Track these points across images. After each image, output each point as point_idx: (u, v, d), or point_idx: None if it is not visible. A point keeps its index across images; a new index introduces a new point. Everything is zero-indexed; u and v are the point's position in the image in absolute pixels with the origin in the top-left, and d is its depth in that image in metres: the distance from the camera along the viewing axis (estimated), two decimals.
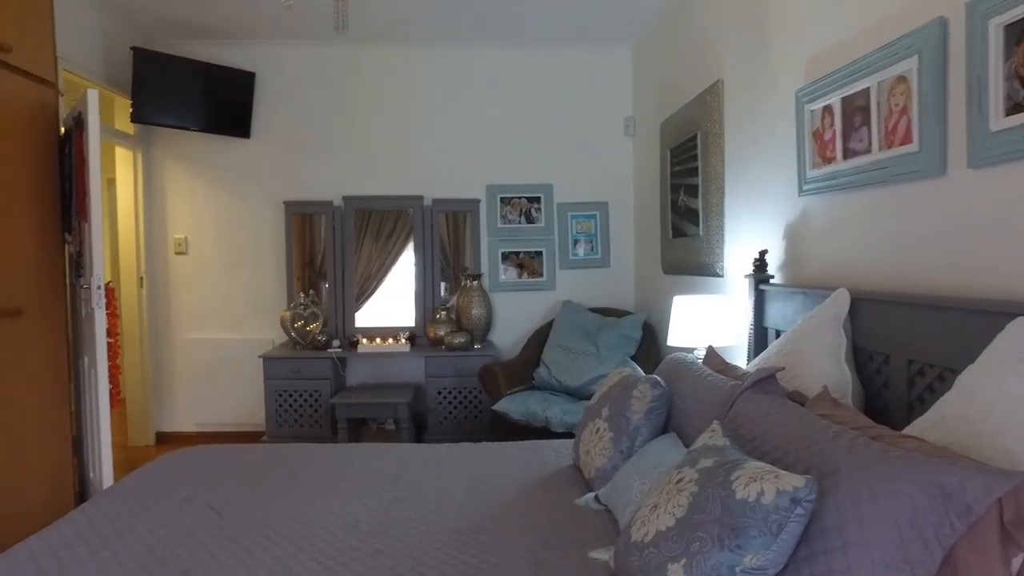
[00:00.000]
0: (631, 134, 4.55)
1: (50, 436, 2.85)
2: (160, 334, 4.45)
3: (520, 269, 4.56)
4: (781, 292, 2.30)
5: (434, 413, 4.06)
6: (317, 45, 4.40)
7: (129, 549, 1.55)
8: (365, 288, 4.47)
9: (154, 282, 4.43)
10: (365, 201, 4.42)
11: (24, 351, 2.69)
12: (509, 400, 3.65)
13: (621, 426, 1.89)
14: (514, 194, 4.54)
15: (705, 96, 3.12)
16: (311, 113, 4.45)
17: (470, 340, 4.16)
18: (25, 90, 2.73)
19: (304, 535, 1.63)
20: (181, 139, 4.36)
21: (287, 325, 4.14)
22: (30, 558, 1.50)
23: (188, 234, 4.45)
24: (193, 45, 4.29)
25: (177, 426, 4.49)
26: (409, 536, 1.63)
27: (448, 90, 4.49)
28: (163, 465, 2.20)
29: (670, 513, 1.23)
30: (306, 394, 4.00)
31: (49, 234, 2.86)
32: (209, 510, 1.78)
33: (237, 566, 1.47)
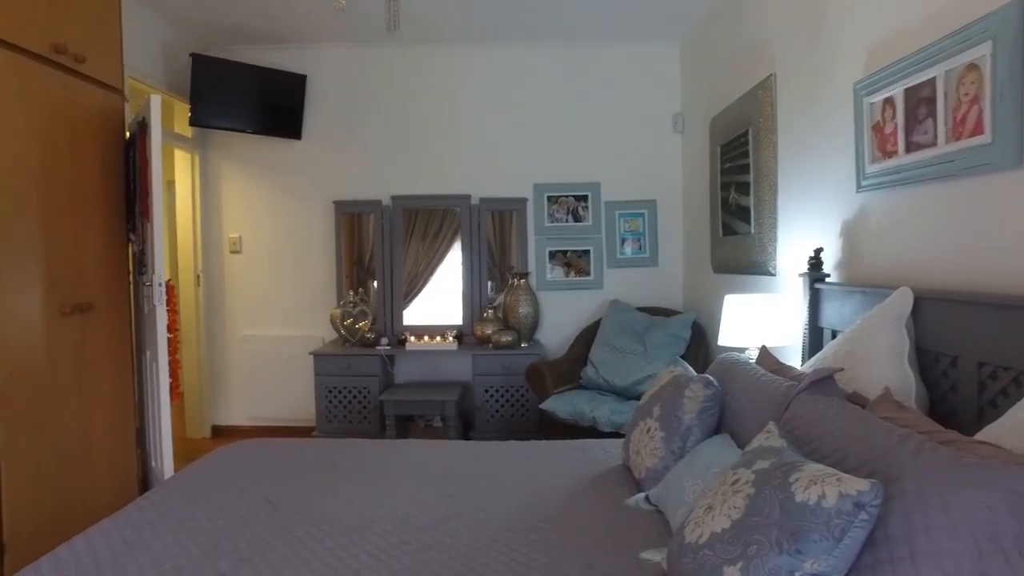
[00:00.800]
0: (680, 131, 4.48)
1: (116, 426, 2.97)
2: (216, 330, 4.59)
3: (567, 268, 4.54)
4: (838, 291, 2.23)
5: (481, 411, 4.08)
6: (366, 47, 4.47)
7: (191, 535, 1.60)
8: (412, 287, 4.52)
9: (210, 280, 4.58)
10: (413, 200, 4.47)
11: (93, 345, 2.81)
12: (556, 399, 3.64)
13: (672, 426, 1.86)
14: (561, 193, 4.52)
15: (757, 91, 3.05)
16: (360, 114, 4.52)
17: (517, 339, 4.16)
18: (96, 97, 2.85)
19: (356, 528, 1.66)
20: (236, 141, 4.49)
21: (337, 323, 4.22)
22: (104, 539, 1.58)
23: (242, 233, 4.58)
24: (247, 50, 4.41)
25: (232, 420, 4.62)
26: (459, 532, 1.64)
27: (496, 89, 4.50)
28: (220, 457, 2.27)
29: (725, 515, 1.20)
30: (355, 390, 4.07)
31: (115, 234, 2.98)
32: (264, 501, 1.82)
33: (292, 556, 1.50)
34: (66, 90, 2.68)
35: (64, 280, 2.64)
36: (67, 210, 2.67)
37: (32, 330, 2.48)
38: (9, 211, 2.37)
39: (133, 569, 1.43)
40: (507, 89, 4.50)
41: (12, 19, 2.39)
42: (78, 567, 1.44)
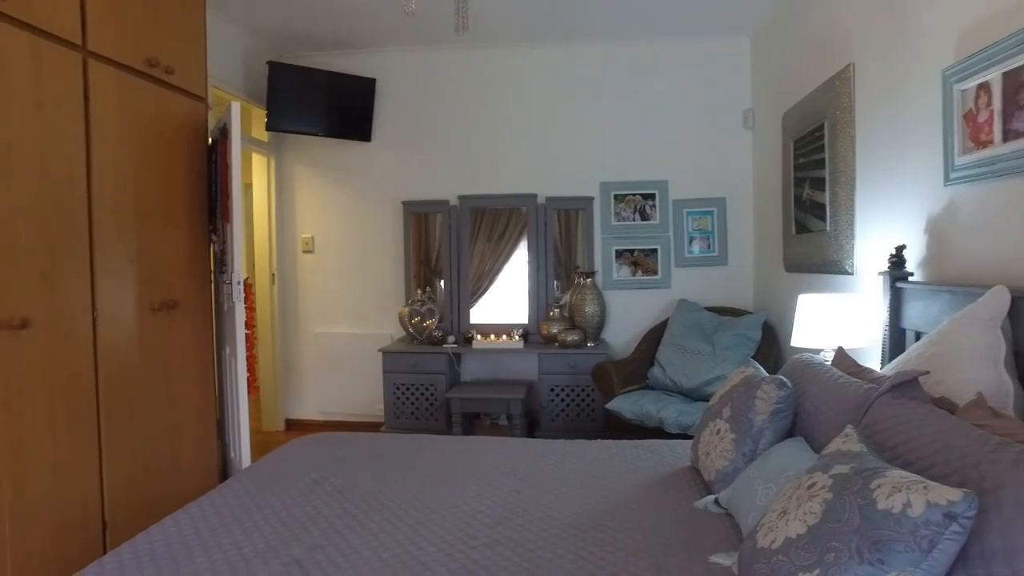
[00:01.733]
0: (750, 127, 4.35)
1: (200, 417, 3.12)
2: (289, 327, 4.76)
3: (634, 267, 4.49)
4: (922, 290, 2.12)
5: (546, 410, 4.08)
6: (433, 49, 4.54)
7: (268, 522, 1.67)
8: (479, 286, 4.56)
9: (284, 279, 4.75)
10: (480, 200, 4.51)
11: (179, 340, 2.97)
12: (622, 399, 3.60)
13: (743, 428, 1.81)
14: (628, 191, 4.47)
15: (834, 82, 2.93)
16: (428, 115, 4.60)
17: (583, 338, 4.14)
18: (183, 106, 3.02)
19: (424, 521, 1.69)
20: (309, 144, 4.65)
21: (405, 321, 4.30)
22: (190, 522, 1.68)
23: (315, 233, 4.73)
24: (319, 56, 4.55)
25: (304, 414, 4.78)
26: (526, 528, 1.64)
27: (561, 87, 4.49)
28: (294, 449, 2.35)
29: (800, 520, 1.16)
30: (422, 387, 4.14)
31: (199, 235, 3.13)
32: (336, 492, 1.88)
33: (362, 546, 1.54)
34: (157, 100, 2.84)
35: (153, 279, 2.80)
36: (157, 213, 2.83)
37: (126, 325, 2.64)
38: (108, 215, 2.54)
39: (216, 551, 1.50)
40: (573, 87, 4.48)
41: (113, 38, 2.56)
42: (168, 547, 1.53)
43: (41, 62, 2.23)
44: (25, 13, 2.16)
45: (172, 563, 1.45)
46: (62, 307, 2.31)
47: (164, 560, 1.47)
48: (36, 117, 2.21)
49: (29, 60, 2.18)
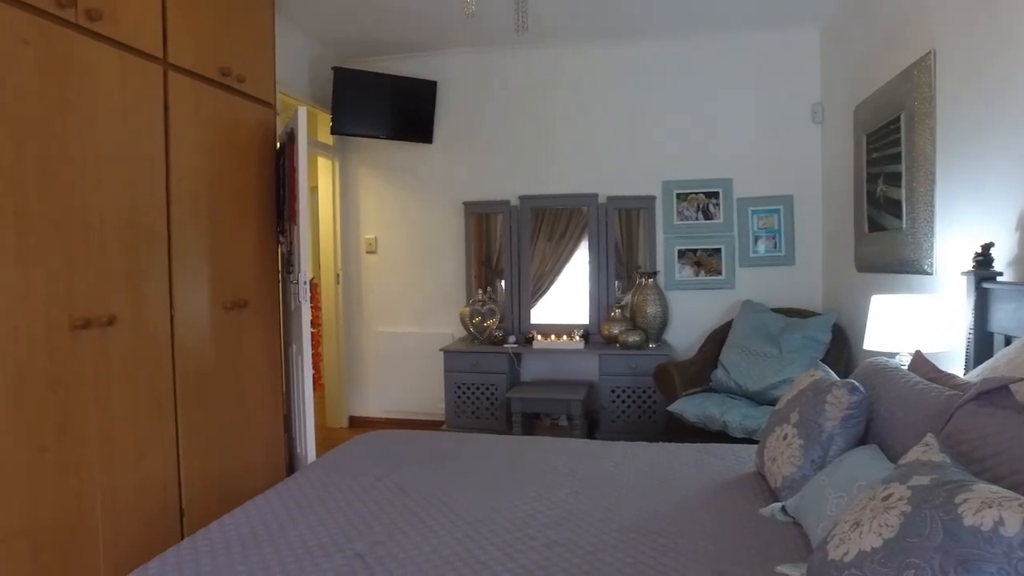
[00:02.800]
0: (819, 121, 4.19)
1: (268, 412, 3.24)
2: (353, 326, 4.88)
3: (697, 267, 4.39)
4: (1013, 291, 1.98)
5: (607, 411, 4.04)
6: (492, 51, 4.56)
7: (331, 516, 1.71)
8: (539, 286, 4.56)
9: (348, 279, 4.87)
10: (541, 200, 4.51)
11: (249, 337, 3.08)
12: (685, 401, 3.53)
13: (812, 433, 1.74)
14: (691, 190, 4.38)
15: (912, 72, 2.78)
16: (488, 116, 4.62)
17: (645, 339, 4.08)
18: (253, 112, 3.13)
19: (483, 520, 1.69)
20: (372, 147, 4.75)
21: (466, 320, 4.34)
22: (259, 514, 1.74)
23: (378, 234, 4.83)
24: (382, 60, 4.65)
25: (367, 411, 4.89)
26: (585, 530, 1.62)
27: (621, 85, 4.44)
28: (357, 445, 2.40)
29: (876, 533, 1.10)
30: (483, 387, 4.17)
31: (267, 236, 3.25)
32: (398, 489, 1.91)
33: (423, 543, 1.56)
34: (229, 107, 2.95)
35: (225, 278, 2.92)
36: (229, 215, 2.94)
37: (200, 323, 2.76)
38: (185, 218, 2.66)
39: (283, 543, 1.55)
40: (634, 85, 4.42)
41: (191, 50, 2.68)
42: (239, 536, 1.59)
43: (127, 75, 2.36)
44: (115, 31, 2.29)
45: (242, 552, 1.50)
46: (144, 305, 2.44)
47: (235, 549, 1.52)
48: (122, 126, 2.34)
49: (117, 74, 2.31)
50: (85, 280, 2.18)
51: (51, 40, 2.07)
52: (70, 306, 2.12)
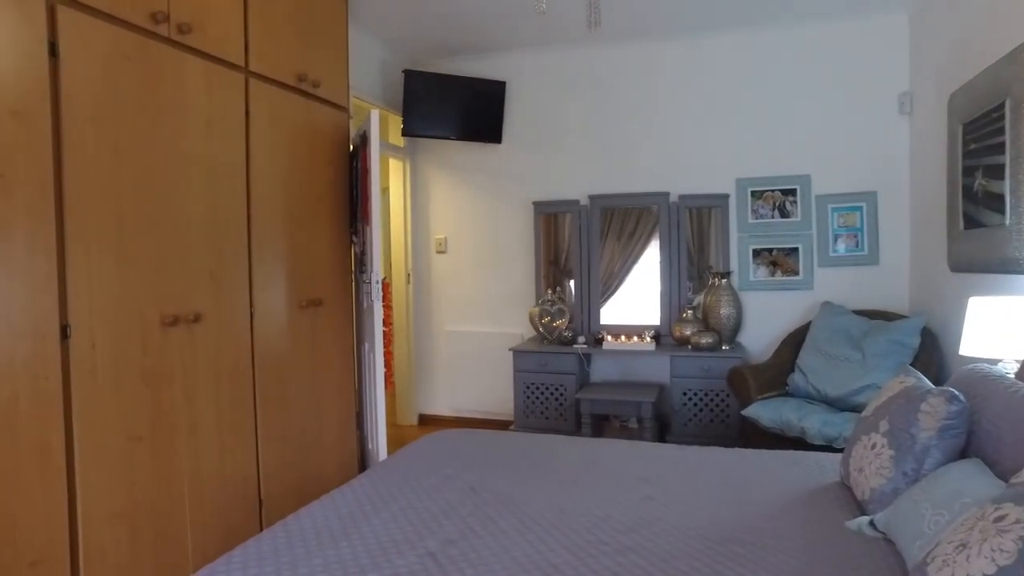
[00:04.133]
0: (907, 112, 3.96)
1: (341, 408, 3.33)
2: (423, 325, 4.95)
3: (773, 267, 4.23)
4: None
5: (678, 414, 3.95)
6: (562, 49, 4.54)
7: (404, 513, 1.73)
8: (607, 286, 4.50)
9: (419, 278, 4.94)
10: (611, 199, 4.45)
11: (323, 335, 3.17)
12: (760, 406, 3.41)
13: (904, 444, 1.64)
14: (766, 187, 4.22)
15: (1018, 54, 2.58)
16: (558, 115, 4.60)
17: (718, 341, 3.97)
18: (327, 116, 3.22)
19: (555, 523, 1.68)
20: (441, 148, 4.81)
21: (535, 320, 4.33)
22: (334, 508, 1.78)
23: (447, 234, 4.89)
24: (451, 61, 4.70)
25: (436, 409, 4.95)
26: (659, 537, 1.58)
27: (694, 81, 4.33)
28: (428, 443, 2.43)
29: (987, 558, 1.02)
30: (552, 387, 4.15)
31: (341, 236, 3.33)
32: (469, 489, 1.92)
33: (495, 544, 1.55)
34: (305, 112, 3.05)
35: (301, 278, 3.01)
36: (304, 216, 3.04)
37: (278, 321, 2.86)
38: (265, 219, 2.76)
39: (357, 538, 1.58)
40: (705, 80, 4.31)
41: (270, 58, 2.79)
42: (315, 529, 1.63)
43: (212, 84, 2.47)
44: (202, 43, 2.41)
45: (319, 545, 1.54)
46: (226, 303, 2.54)
47: (312, 541, 1.56)
48: (206, 132, 2.45)
49: (203, 83, 2.43)
50: (174, 279, 2.30)
51: (148, 54, 2.19)
52: (161, 303, 2.24)
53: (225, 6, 2.54)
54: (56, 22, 1.89)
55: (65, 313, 1.91)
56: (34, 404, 1.81)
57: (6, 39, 1.76)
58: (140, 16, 2.16)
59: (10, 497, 1.75)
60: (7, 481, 1.74)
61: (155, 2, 2.21)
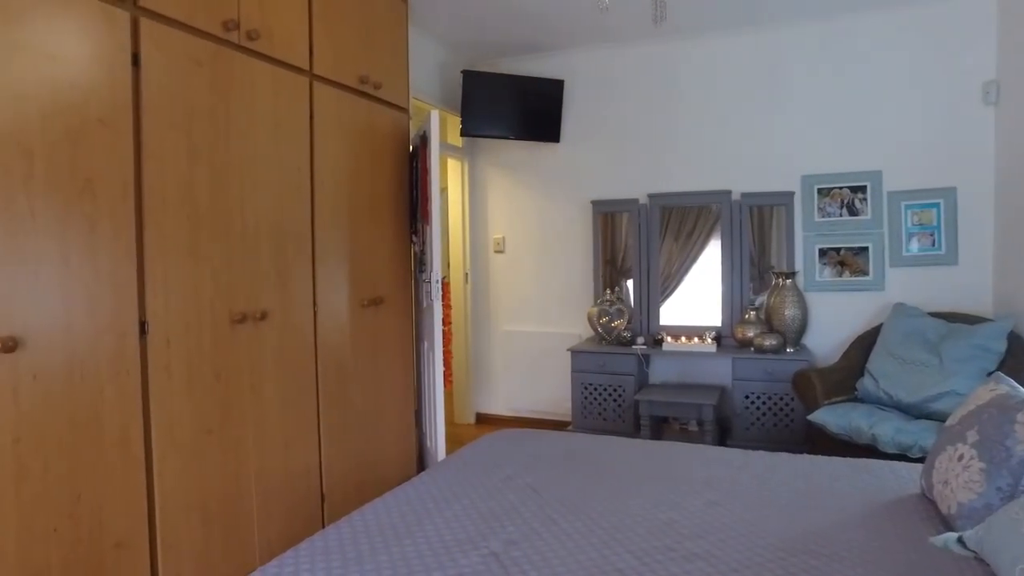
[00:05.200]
0: (992, 101, 3.74)
1: (400, 407, 3.37)
2: (480, 325, 4.98)
3: (840, 267, 4.08)
4: None
5: (740, 417, 3.85)
6: (620, 47, 4.48)
7: (466, 513, 1.74)
8: (665, 287, 4.43)
9: (477, 278, 4.97)
10: (671, 198, 4.37)
11: (384, 334, 3.22)
12: (827, 411, 3.28)
13: (998, 457, 1.54)
14: (834, 184, 4.07)
15: None
16: (616, 114, 4.55)
17: (782, 343, 3.85)
18: (388, 117, 3.27)
19: (619, 527, 1.65)
20: (499, 148, 4.82)
21: (593, 321, 4.30)
22: (397, 506, 1.80)
23: (505, 234, 4.90)
24: (509, 61, 4.70)
25: (493, 409, 4.97)
26: (727, 544, 1.54)
27: (757, 74, 4.21)
28: (488, 443, 2.43)
29: None
30: (610, 388, 4.11)
31: (401, 236, 3.38)
32: (530, 490, 1.91)
33: (558, 546, 1.54)
34: (367, 113, 3.10)
35: (362, 277, 3.06)
36: (367, 216, 3.09)
37: (340, 319, 2.91)
38: (328, 219, 2.82)
39: (420, 536, 1.59)
40: (769, 74, 4.18)
41: (333, 61, 2.85)
42: (379, 526, 1.65)
43: (279, 88, 2.54)
44: (270, 48, 2.48)
45: (383, 542, 1.56)
46: (290, 302, 2.61)
47: (376, 538, 1.58)
48: (274, 135, 2.52)
49: (270, 87, 2.49)
50: (242, 278, 2.37)
51: (219, 60, 2.26)
52: (230, 301, 2.31)
53: (291, 12, 2.61)
54: (139, 34, 1.98)
55: (143, 310, 2.00)
56: (117, 397, 1.90)
57: (95, 52, 1.85)
58: (213, 24, 2.24)
59: (97, 484, 1.84)
60: (94, 469, 1.83)
61: (227, 11, 2.29)
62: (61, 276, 1.76)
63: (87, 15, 1.83)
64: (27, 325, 1.67)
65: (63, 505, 1.75)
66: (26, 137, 1.68)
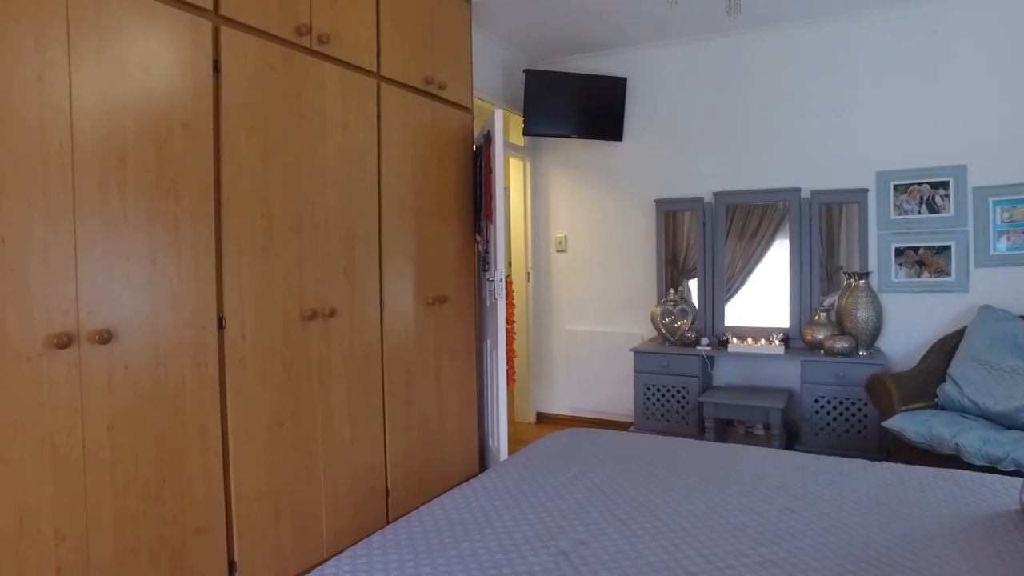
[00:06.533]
0: None
1: (463, 404, 3.40)
2: (542, 323, 4.97)
3: (919, 267, 3.89)
4: None
5: (809, 422, 3.72)
6: (684, 43, 4.40)
7: (534, 511, 1.73)
8: (728, 287, 4.32)
9: (538, 277, 4.97)
10: (737, 196, 4.26)
11: (447, 332, 3.26)
12: (905, 418, 3.14)
13: None
14: (912, 180, 3.88)
15: None
16: (680, 110, 4.47)
17: (854, 345, 3.70)
18: (452, 117, 3.31)
19: (688, 529, 1.62)
20: (561, 146, 4.81)
21: (657, 321, 4.23)
22: (465, 502, 1.81)
23: (567, 233, 4.88)
24: (571, 59, 4.68)
25: (553, 408, 4.95)
26: (804, 552, 1.48)
27: (828, 66, 4.04)
28: (553, 442, 2.42)
29: None
30: (674, 390, 4.04)
31: (465, 235, 3.41)
32: (597, 490, 1.89)
33: (627, 548, 1.52)
34: (432, 113, 3.14)
35: (427, 275, 3.10)
36: (431, 214, 3.13)
37: (405, 317, 2.96)
38: (394, 218, 2.87)
39: (489, 533, 1.60)
40: (842, 65, 4.01)
41: (400, 62, 2.90)
42: (448, 522, 1.67)
43: (348, 89, 2.60)
44: (339, 51, 2.55)
45: (452, 537, 1.57)
46: (358, 299, 2.67)
47: (446, 533, 1.60)
48: (342, 136, 2.58)
49: (339, 89, 2.56)
50: (312, 275, 2.43)
51: (291, 64, 2.34)
52: (301, 298, 2.38)
53: (359, 16, 2.66)
54: (219, 41, 2.06)
55: (221, 306, 2.08)
56: (197, 388, 1.98)
57: (181, 60, 1.94)
58: (287, 30, 2.31)
59: (180, 471, 1.92)
60: (178, 457, 1.92)
61: (300, 16, 2.36)
62: (148, 272, 1.85)
63: (175, 26, 1.92)
64: (119, 319, 1.76)
65: (150, 489, 1.84)
66: (121, 142, 1.77)
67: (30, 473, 1.57)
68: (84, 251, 1.68)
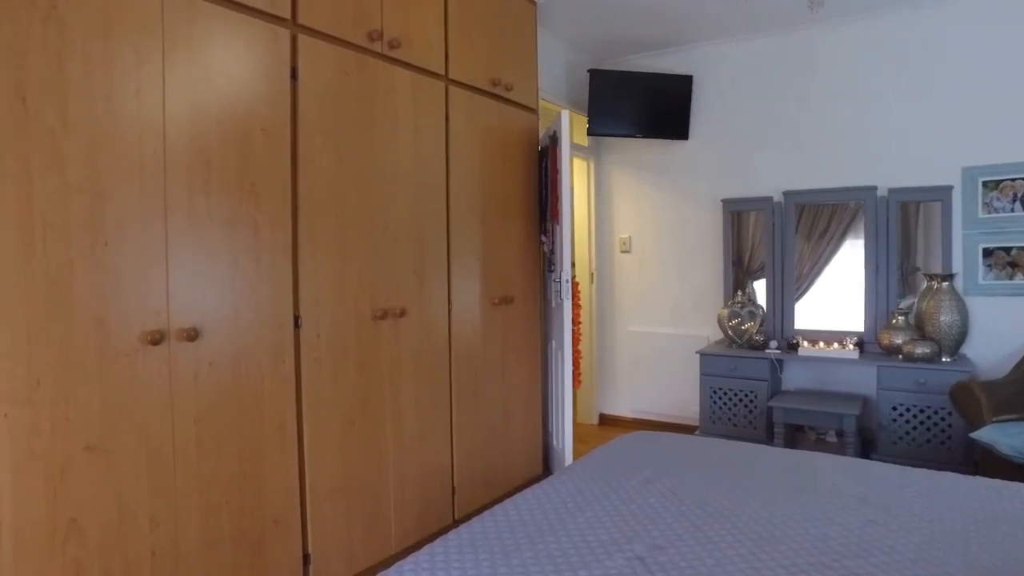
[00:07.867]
0: None
1: (528, 404, 3.41)
2: (605, 325, 4.93)
3: (1011, 268, 3.66)
4: None
5: (886, 430, 3.56)
6: (752, 39, 4.28)
7: (607, 515, 1.71)
8: (796, 288, 4.18)
9: (602, 277, 4.93)
10: (808, 195, 4.12)
11: (513, 332, 3.27)
12: (996, 430, 2.96)
13: None
14: (1005, 175, 3.66)
15: None
16: (748, 108, 4.35)
17: (936, 351, 3.52)
18: (518, 118, 3.32)
19: (767, 538, 1.57)
20: (626, 146, 4.75)
21: (723, 323, 4.14)
22: (538, 504, 1.80)
23: (631, 234, 4.82)
24: (635, 58, 4.63)
25: (617, 410, 4.90)
26: (893, 568, 1.42)
27: (911, 58, 3.85)
28: (623, 444, 2.39)
29: None
30: (741, 393, 3.94)
31: (531, 236, 3.41)
32: (671, 494, 1.86)
33: (705, 555, 1.48)
34: (498, 115, 3.16)
35: (494, 276, 3.12)
36: (497, 217, 3.14)
37: (472, 317, 2.98)
38: (462, 219, 2.90)
39: (563, 535, 1.59)
40: (921, 55, 3.81)
41: (467, 65, 2.93)
42: (521, 523, 1.67)
43: (417, 93, 2.64)
44: (409, 56, 2.59)
45: (527, 538, 1.57)
46: (427, 299, 2.70)
47: (520, 534, 1.60)
48: (413, 139, 2.62)
49: (410, 92, 2.60)
50: (383, 275, 2.48)
51: (364, 69, 2.39)
52: (372, 299, 2.43)
53: (428, 21, 2.70)
54: (297, 49, 2.13)
55: (297, 305, 2.14)
56: (275, 385, 2.05)
57: (262, 68, 2.01)
58: (359, 36, 2.36)
59: (259, 465, 1.99)
60: (258, 451, 1.99)
61: (372, 22, 2.41)
62: (230, 272, 1.92)
63: (256, 35, 1.99)
64: (204, 317, 1.84)
65: (232, 481, 1.91)
66: (206, 147, 1.85)
67: (128, 464, 1.65)
68: (174, 252, 1.76)
